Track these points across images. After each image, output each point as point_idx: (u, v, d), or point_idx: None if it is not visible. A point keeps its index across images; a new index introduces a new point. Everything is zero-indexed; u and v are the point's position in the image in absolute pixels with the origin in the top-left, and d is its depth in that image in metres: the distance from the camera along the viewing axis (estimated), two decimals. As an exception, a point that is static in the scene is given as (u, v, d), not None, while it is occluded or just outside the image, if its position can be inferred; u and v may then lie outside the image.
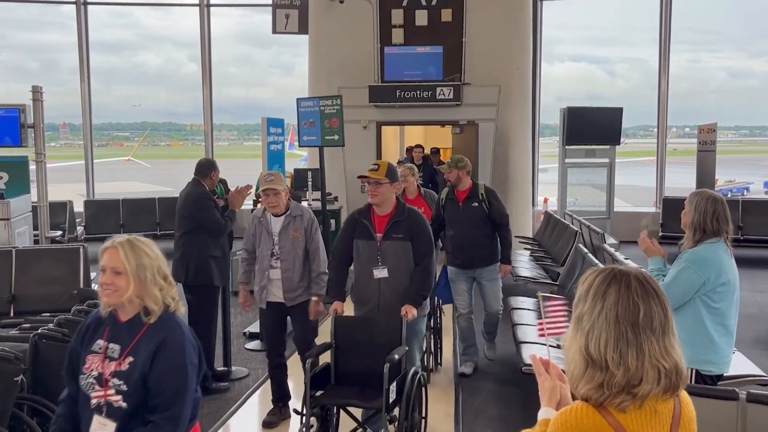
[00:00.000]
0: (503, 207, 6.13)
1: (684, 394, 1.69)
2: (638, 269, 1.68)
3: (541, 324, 5.50)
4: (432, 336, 6.07)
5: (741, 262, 3.81)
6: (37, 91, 7.92)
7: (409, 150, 12.12)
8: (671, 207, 11.72)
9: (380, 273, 4.44)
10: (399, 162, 9.60)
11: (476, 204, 5.99)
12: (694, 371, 3.52)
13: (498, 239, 6.14)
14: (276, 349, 5.15)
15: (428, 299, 4.81)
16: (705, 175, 11.73)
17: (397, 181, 4.53)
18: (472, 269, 6.10)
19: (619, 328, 1.56)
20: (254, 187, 7.17)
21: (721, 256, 3.54)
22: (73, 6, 13.94)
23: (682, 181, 16.95)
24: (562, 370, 1.81)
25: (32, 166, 8.42)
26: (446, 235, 6.17)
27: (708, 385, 3.46)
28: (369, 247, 4.47)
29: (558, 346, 2.11)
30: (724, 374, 3.75)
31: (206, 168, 5.88)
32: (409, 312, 4.34)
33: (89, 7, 14.10)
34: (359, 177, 4.58)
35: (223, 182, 7.01)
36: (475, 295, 6.30)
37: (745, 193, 24.40)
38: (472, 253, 6.02)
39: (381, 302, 4.49)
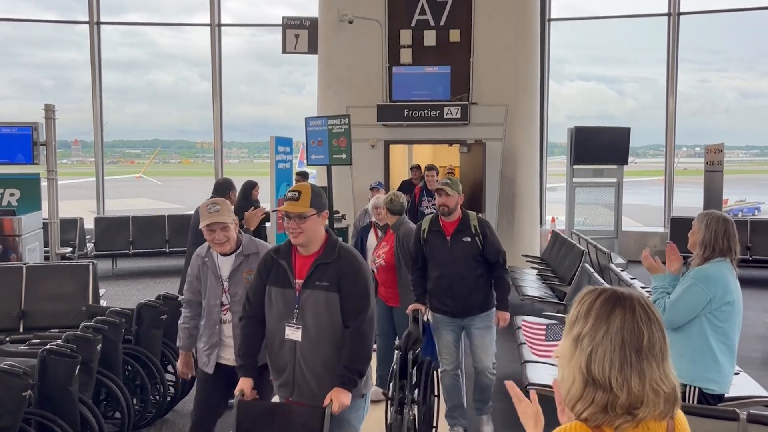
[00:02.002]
0: (499, 242, 4.99)
1: (678, 412, 1.71)
2: (637, 293, 1.71)
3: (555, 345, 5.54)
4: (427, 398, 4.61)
5: (749, 282, 3.84)
6: (49, 110, 8.04)
7: (416, 169, 10.92)
8: (679, 227, 11.69)
9: (293, 333, 3.26)
10: (372, 188, 8.45)
11: (468, 239, 4.86)
12: (696, 389, 3.53)
13: (493, 281, 5.00)
14: (207, 422, 3.97)
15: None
16: (712, 195, 11.72)
17: (326, 209, 3.37)
18: (462, 318, 4.97)
19: (624, 352, 1.59)
20: (272, 206, 7.24)
21: (726, 276, 3.57)
22: (87, 25, 14.16)
23: (692, 201, 16.92)
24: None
25: (44, 183, 8.53)
26: (429, 276, 5.03)
27: (709, 405, 3.48)
28: (284, 298, 3.30)
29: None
30: (729, 394, 3.75)
31: (224, 188, 6.11)
32: (336, 400, 3.14)
33: (102, 26, 14.31)
34: (275, 210, 3.57)
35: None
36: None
37: (756, 213, 24.30)
38: (464, 300, 4.89)
39: (296, 376, 3.31)
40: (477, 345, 4.98)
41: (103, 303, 6.69)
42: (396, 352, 4.50)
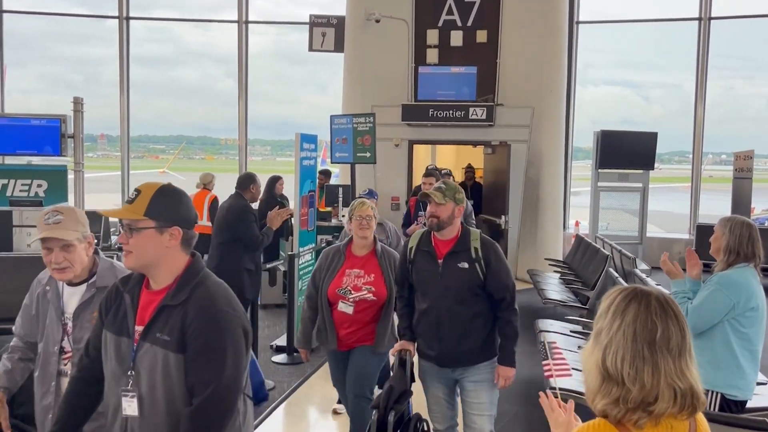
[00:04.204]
0: (507, 272, 3.78)
1: (700, 417, 1.71)
2: (660, 290, 1.71)
3: (548, 364, 5.38)
4: None
5: (775, 291, 3.77)
6: (78, 103, 8.14)
7: (431, 172, 8.16)
8: (705, 234, 11.44)
9: (129, 405, 2.22)
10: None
11: (465, 264, 3.70)
12: (719, 395, 3.51)
13: (496, 322, 3.80)
14: None
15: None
16: (741, 203, 11.57)
17: (177, 225, 2.27)
18: (453, 368, 3.82)
19: (636, 345, 1.60)
20: (296, 203, 7.26)
21: (750, 281, 3.55)
22: (116, 20, 14.30)
23: (716, 209, 16.71)
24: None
25: (70, 176, 8.63)
26: (415, 308, 3.91)
27: (734, 413, 3.45)
28: (118, 349, 2.26)
29: (557, 389, 2.15)
30: (755, 405, 3.71)
31: (246, 182, 6.12)
32: None
33: (131, 22, 14.45)
34: (103, 212, 2.48)
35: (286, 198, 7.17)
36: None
37: (782, 223, 23.88)
38: (455, 345, 3.74)
39: None
40: (469, 403, 3.82)
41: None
42: (373, 411, 3.55)
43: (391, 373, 3.83)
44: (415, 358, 3.93)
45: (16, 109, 14.89)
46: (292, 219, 7.38)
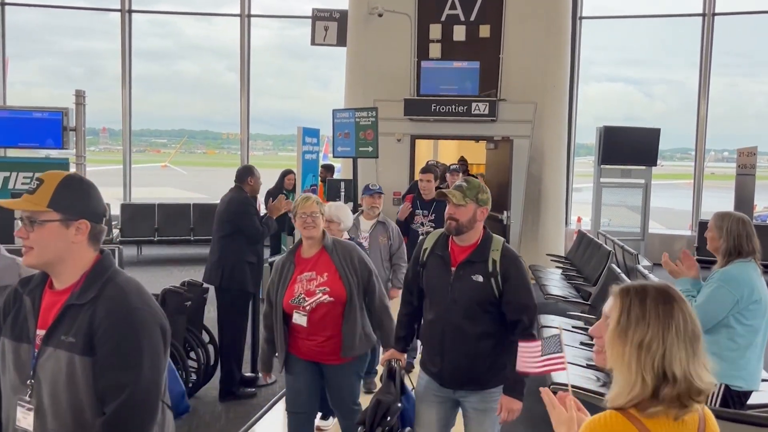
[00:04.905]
0: (528, 291, 3.32)
1: (708, 411, 1.73)
2: (665, 282, 1.72)
3: (561, 357, 5.35)
4: None
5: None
6: (80, 95, 8.11)
7: (429, 167, 7.84)
8: (707, 231, 11.51)
9: (24, 417, 2.03)
10: (372, 194, 6.16)
11: (479, 277, 3.26)
12: (723, 386, 3.53)
13: (509, 346, 3.16)
14: None
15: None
16: (743, 199, 11.54)
17: (85, 218, 2.05)
18: (455, 389, 3.39)
19: (692, 345, 1.64)
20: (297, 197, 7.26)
21: (751, 275, 3.58)
22: (118, 14, 14.27)
23: (719, 206, 16.70)
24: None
25: (72, 169, 8.60)
26: (417, 317, 3.58)
27: (738, 404, 3.49)
28: (17, 357, 2.06)
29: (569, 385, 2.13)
30: (759, 401, 3.71)
31: (244, 174, 6.07)
32: None
33: (133, 15, 14.42)
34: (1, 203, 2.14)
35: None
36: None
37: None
38: (459, 364, 3.32)
39: None
40: (473, 429, 3.45)
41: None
42: (359, 428, 3.31)
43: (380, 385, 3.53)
44: (415, 369, 3.63)
45: (18, 102, 14.88)
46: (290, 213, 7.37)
